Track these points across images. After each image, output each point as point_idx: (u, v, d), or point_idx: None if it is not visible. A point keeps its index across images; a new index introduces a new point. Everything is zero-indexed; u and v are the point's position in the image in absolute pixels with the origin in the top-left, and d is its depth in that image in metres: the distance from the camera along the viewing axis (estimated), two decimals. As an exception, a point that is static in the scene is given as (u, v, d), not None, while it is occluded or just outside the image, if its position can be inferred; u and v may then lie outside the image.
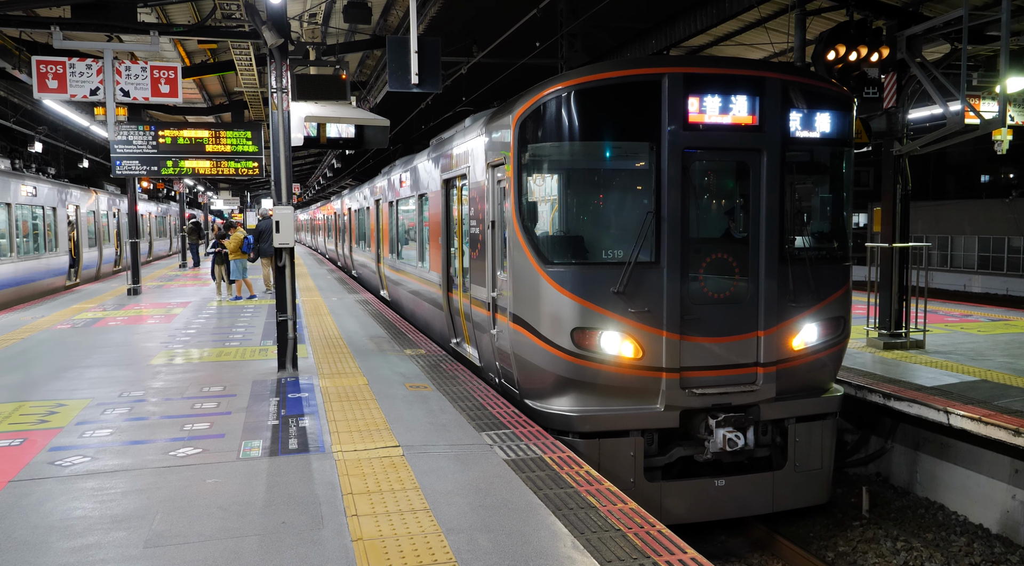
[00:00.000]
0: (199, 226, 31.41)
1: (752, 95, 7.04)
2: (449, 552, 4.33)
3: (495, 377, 8.40)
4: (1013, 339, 11.62)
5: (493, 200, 7.99)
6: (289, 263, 9.24)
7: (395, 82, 8.21)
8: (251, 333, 12.52)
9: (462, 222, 9.73)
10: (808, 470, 7.48)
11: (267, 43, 8.79)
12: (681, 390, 6.95)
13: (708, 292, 7.08)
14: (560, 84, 6.99)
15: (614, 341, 6.83)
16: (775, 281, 7.12)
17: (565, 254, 7.07)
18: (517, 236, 7.14)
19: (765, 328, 7.12)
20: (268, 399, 7.92)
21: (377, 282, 18.31)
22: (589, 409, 6.96)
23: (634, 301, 6.80)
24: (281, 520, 4.78)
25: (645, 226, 6.85)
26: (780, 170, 7.12)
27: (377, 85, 16.08)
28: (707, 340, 7.03)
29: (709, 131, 6.95)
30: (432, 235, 11.26)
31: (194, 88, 17.32)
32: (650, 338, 6.85)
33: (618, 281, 6.75)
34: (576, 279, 6.86)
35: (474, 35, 16.07)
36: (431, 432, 6.66)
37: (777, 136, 7.09)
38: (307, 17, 12.06)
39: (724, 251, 7.21)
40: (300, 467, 5.78)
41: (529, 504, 5.02)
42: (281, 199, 9.06)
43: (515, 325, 7.33)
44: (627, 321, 6.80)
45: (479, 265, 8.52)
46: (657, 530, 4.64)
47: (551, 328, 6.91)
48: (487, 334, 8.30)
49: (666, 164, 6.84)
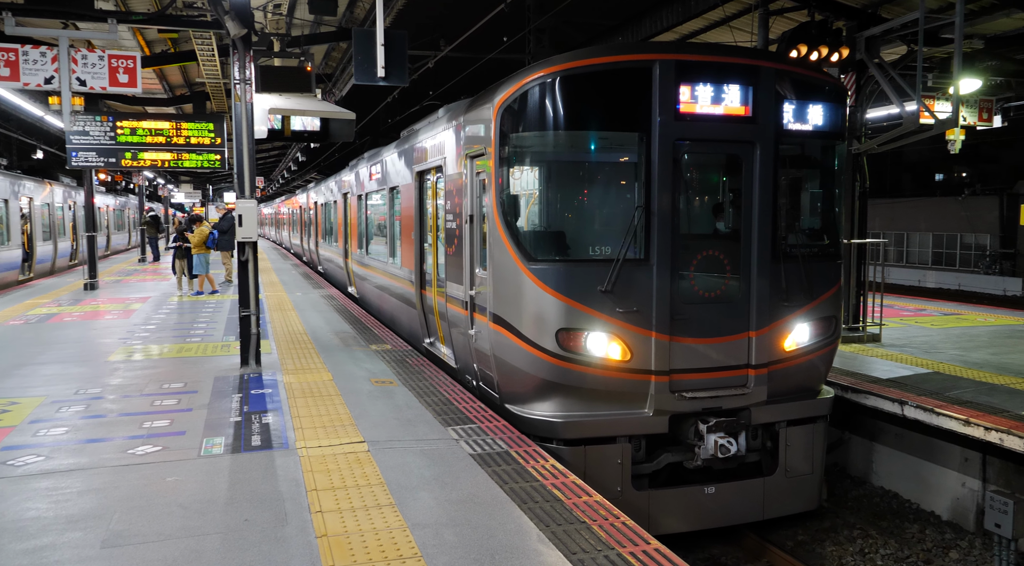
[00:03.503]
0: (158, 220, 30.77)
1: (745, 85, 6.72)
2: (415, 547, 4.32)
3: (472, 380, 8.04)
4: (964, 333, 11.96)
5: (471, 193, 7.59)
6: (252, 257, 9.12)
7: (361, 75, 8.14)
8: (213, 328, 12.33)
9: (437, 216, 9.29)
10: (799, 475, 7.25)
11: (230, 33, 8.64)
12: (671, 394, 6.65)
13: (699, 291, 6.79)
14: (544, 70, 6.60)
15: (601, 342, 6.50)
16: (767, 279, 6.86)
17: (549, 250, 6.73)
18: (498, 231, 6.80)
19: (757, 328, 6.85)
20: (230, 395, 7.82)
21: (344, 278, 17.89)
22: (574, 414, 6.61)
23: (622, 300, 6.49)
24: (244, 518, 4.73)
25: (634, 221, 6.55)
26: (773, 164, 6.84)
27: (343, 78, 15.91)
28: (697, 341, 6.73)
29: (701, 122, 6.63)
30: (404, 230, 10.88)
31: (154, 78, 16.94)
32: (639, 339, 6.54)
33: (606, 279, 6.43)
34: (561, 277, 6.51)
35: (442, 29, 15.97)
36: (397, 427, 6.64)
37: (771, 128, 6.82)
38: (271, 7, 11.88)
39: (715, 248, 6.92)
40: (263, 464, 5.72)
41: (495, 498, 5.04)
42: (244, 193, 8.94)
43: (495, 325, 6.98)
44: (615, 321, 6.48)
45: (456, 262, 8.13)
46: (621, 522, 4.69)
47: (534, 329, 6.57)
48: (464, 334, 7.94)
49: (656, 156, 6.51)
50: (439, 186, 9.09)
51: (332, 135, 11.17)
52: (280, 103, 10.67)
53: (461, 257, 7.89)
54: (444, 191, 8.64)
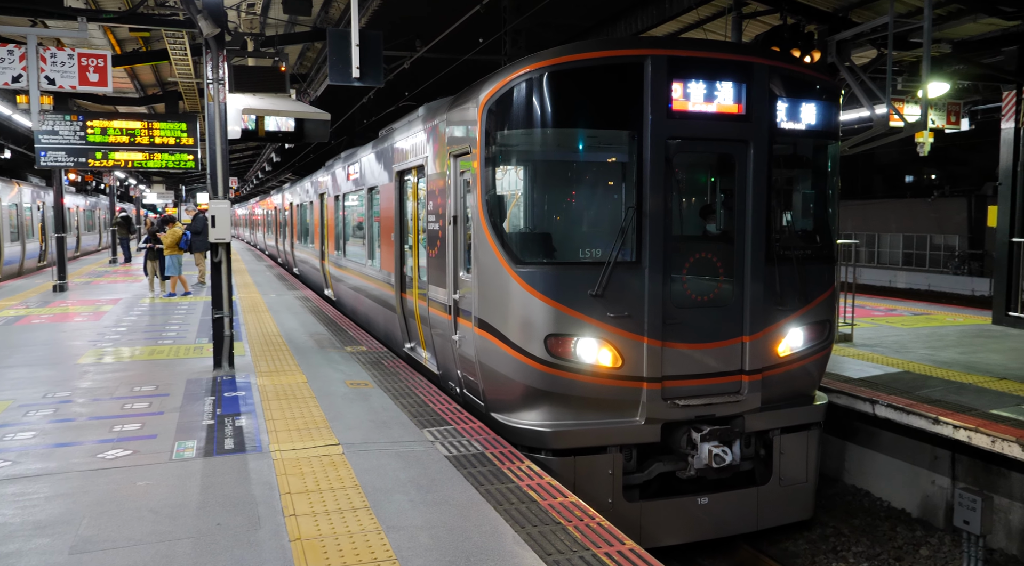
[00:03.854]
0: (129, 220, 30.30)
1: (739, 82, 6.55)
2: (390, 550, 4.30)
3: (456, 387, 7.80)
4: (934, 332, 12.16)
5: (455, 194, 7.36)
6: (225, 259, 9.02)
7: (336, 75, 8.09)
8: (185, 330, 12.18)
9: (418, 217, 9.06)
10: (793, 484, 7.08)
11: (203, 33, 8.55)
12: (663, 401, 6.47)
13: (691, 294, 6.60)
14: (532, 65, 6.36)
15: (591, 348, 6.30)
16: (761, 283, 6.67)
17: (537, 253, 6.50)
18: (484, 233, 6.56)
19: (751, 333, 6.66)
20: (203, 398, 7.73)
21: (321, 280, 17.57)
22: (563, 423, 6.41)
23: (613, 305, 6.28)
24: (216, 522, 4.68)
25: (626, 223, 6.33)
26: (767, 163, 6.67)
27: (318, 78, 15.81)
28: (690, 346, 6.54)
29: (693, 120, 6.44)
30: (383, 231, 10.62)
31: (125, 77, 16.71)
32: (630, 345, 6.34)
33: (596, 283, 6.22)
34: (550, 280, 6.29)
35: (417, 29, 15.93)
36: (372, 430, 6.60)
37: (764, 127, 6.64)
38: (245, 7, 11.77)
39: (707, 250, 6.74)
40: (236, 467, 5.66)
41: (471, 500, 5.03)
42: (217, 193, 8.84)
43: (481, 331, 6.76)
44: (605, 326, 6.28)
45: (438, 264, 7.88)
46: (596, 522, 4.70)
47: (521, 334, 6.35)
48: (447, 340, 7.73)
49: (648, 155, 6.30)
50: (420, 186, 8.85)
51: (307, 136, 11.10)
52: (254, 103, 10.58)
53: (444, 260, 7.66)
54: (426, 191, 8.39)
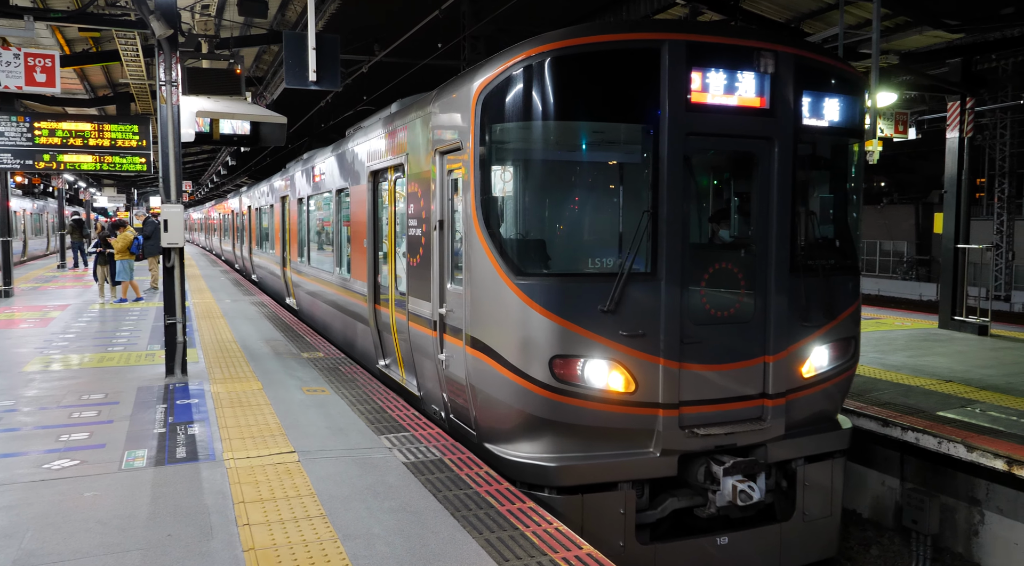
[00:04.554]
0: (81, 224, 29.50)
1: (762, 72, 5.90)
2: (346, 559, 4.25)
3: (440, 411, 7.06)
4: (883, 336, 12.48)
5: (442, 195, 6.66)
6: (178, 263, 8.85)
7: (292, 79, 8.01)
8: (137, 337, 11.90)
9: (395, 222, 8.25)
10: (817, 519, 6.40)
11: (155, 34, 8.39)
12: (680, 430, 5.76)
13: (710, 310, 5.92)
14: (534, 49, 5.63)
15: (601, 371, 5.60)
16: (785, 296, 6.02)
17: (540, 263, 5.81)
18: (479, 240, 5.85)
19: (774, 352, 6.01)
20: (154, 406, 7.56)
21: (282, 288, 16.74)
22: (570, 456, 5.67)
23: (626, 321, 5.59)
24: (167, 533, 4.57)
25: (640, 229, 5.63)
26: (792, 163, 6.03)
27: (274, 81, 15.63)
28: (709, 368, 5.87)
29: (713, 114, 5.79)
30: (355, 237, 9.76)
31: (75, 78, 16.30)
32: (644, 367, 5.65)
33: (607, 297, 5.54)
34: (556, 294, 5.57)
35: (376, 34, 15.85)
36: (328, 437, 6.53)
37: (789, 123, 6.02)
38: (199, 8, 11.59)
39: (727, 260, 6.09)
40: (188, 476, 5.54)
41: (429, 507, 5.00)
42: (170, 197, 8.67)
43: (473, 350, 6.03)
44: (617, 346, 5.59)
45: (421, 274, 7.13)
46: (555, 527, 4.72)
47: (523, 355, 5.62)
48: (431, 359, 6.99)
49: (665, 153, 5.63)
50: (399, 187, 8.08)
51: (263, 139, 10.97)
52: (208, 106, 10.41)
53: (428, 269, 6.93)
54: (406, 193, 7.62)
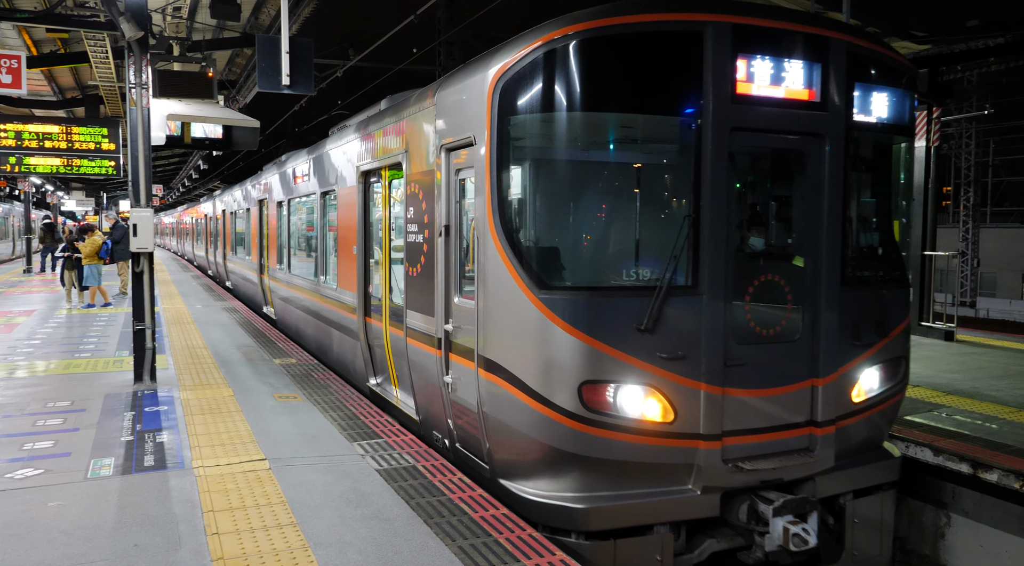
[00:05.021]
0: (53, 227, 28.93)
1: (813, 61, 5.29)
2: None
3: (443, 439, 6.42)
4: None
5: (448, 197, 6.04)
6: (148, 268, 8.73)
7: (265, 82, 7.97)
8: (105, 343, 11.70)
9: (390, 227, 7.63)
10: (868, 560, 5.76)
11: (125, 35, 8.28)
12: (723, 464, 5.12)
13: (755, 327, 5.34)
14: (562, 30, 4.95)
15: (636, 398, 4.97)
16: (835, 311, 5.43)
17: (568, 274, 5.20)
18: (495, 248, 5.19)
19: (824, 374, 5.41)
20: (122, 413, 7.43)
21: (259, 296, 15.87)
22: (600, 496, 5.03)
23: (665, 342, 4.95)
24: (133, 543, 4.49)
25: (681, 236, 5.01)
26: (844, 164, 5.45)
27: (247, 85, 15.49)
28: (753, 393, 5.26)
29: (759, 107, 5.17)
30: (342, 243, 9.07)
31: (42, 79, 16.02)
32: (684, 393, 5.02)
33: (645, 314, 4.90)
34: (585, 310, 4.91)
35: (350, 38, 15.81)
36: (300, 444, 6.46)
37: (841, 118, 5.43)
38: (171, 10, 11.46)
39: (773, 271, 5.48)
40: (156, 485, 5.45)
41: (401, 514, 4.96)
42: (140, 201, 8.55)
43: (488, 374, 5.39)
44: (654, 370, 4.94)
45: (422, 286, 6.50)
46: (528, 534, 4.70)
47: (546, 381, 4.96)
48: (434, 381, 6.35)
49: (709, 150, 5.02)
50: (395, 189, 7.45)
51: (235, 143, 10.89)
52: (179, 109, 10.31)
53: (431, 280, 6.30)
54: (404, 195, 6.94)
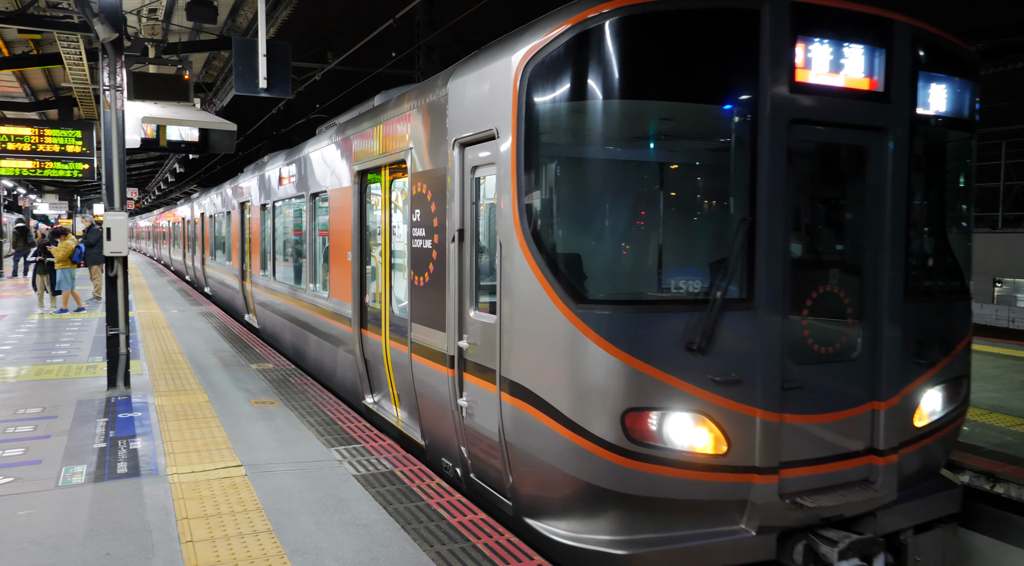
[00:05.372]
0: (26, 231, 28.42)
1: (876, 46, 4.78)
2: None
3: (455, 467, 5.83)
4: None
5: (463, 199, 5.47)
6: (122, 273, 8.62)
7: (242, 85, 7.91)
8: (78, 348, 11.53)
9: (391, 232, 7.06)
10: None
11: (99, 37, 8.19)
12: (780, 500, 4.54)
13: (813, 345, 4.77)
14: (602, 6, 4.39)
15: (685, 427, 4.38)
16: (899, 326, 4.90)
17: (609, 286, 4.59)
18: (522, 255, 4.63)
19: (885, 397, 4.85)
20: (95, 420, 7.32)
21: (241, 304, 15.24)
22: (643, 539, 4.44)
23: (717, 362, 4.39)
24: (105, 551, 4.42)
25: (736, 242, 4.48)
26: (908, 162, 4.95)
27: (224, 87, 15.38)
28: (811, 419, 4.69)
29: (819, 96, 4.63)
30: (335, 249, 8.44)
31: (14, 81, 15.78)
32: (738, 421, 4.44)
33: (697, 331, 4.34)
34: (630, 327, 4.33)
35: (329, 42, 15.75)
36: (277, 450, 6.40)
37: (906, 111, 4.91)
38: (146, 12, 11.35)
39: (832, 281, 4.91)
40: (129, 493, 5.37)
41: (378, 520, 4.94)
42: (114, 204, 8.45)
43: (513, 399, 4.81)
44: (706, 395, 4.37)
45: (430, 297, 5.93)
46: (506, 539, 4.70)
47: (584, 408, 4.38)
48: (444, 403, 5.79)
49: (767, 144, 4.48)
50: (397, 189, 6.90)
51: (212, 146, 10.79)
52: (155, 112, 10.21)
53: (441, 291, 5.73)
54: (410, 196, 6.36)
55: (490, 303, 5.18)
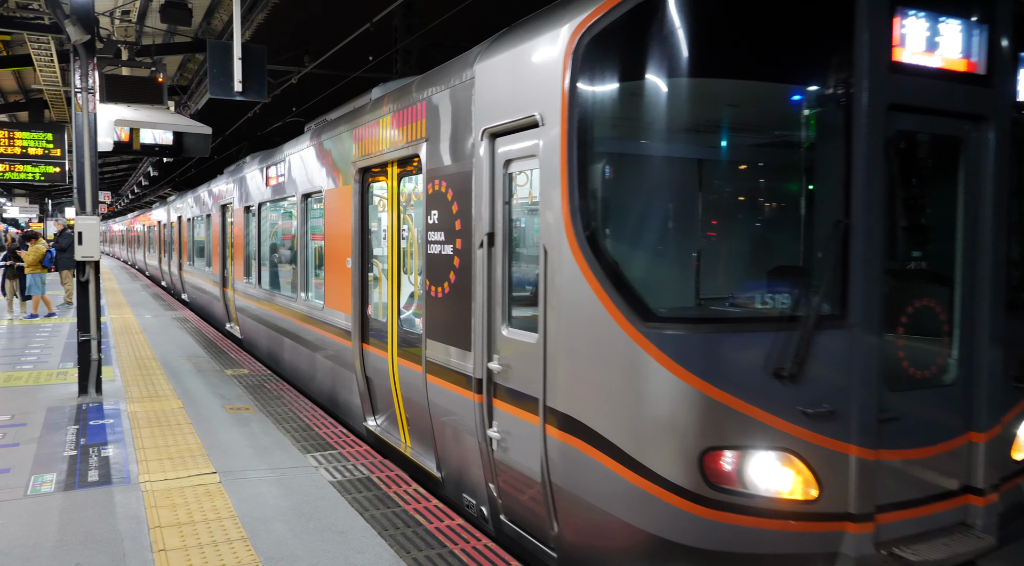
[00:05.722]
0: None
1: (977, 22, 4.18)
2: (267, 582, 4.13)
3: (478, 506, 5.20)
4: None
5: (494, 196, 4.79)
6: (94, 278, 8.50)
7: (216, 89, 7.85)
8: (48, 354, 11.34)
9: (399, 235, 6.37)
10: None
11: (71, 39, 8.08)
12: (877, 551, 3.88)
13: (908, 369, 4.16)
14: None
15: (770, 468, 3.74)
16: (1000, 346, 4.28)
17: (685, 301, 4.01)
18: (575, 264, 3.95)
19: (985, 427, 4.23)
20: (65, 427, 7.21)
21: (222, 312, 14.44)
22: None
23: (808, 391, 3.74)
24: (75, 561, 4.35)
25: (829, 248, 3.87)
26: (1011, 156, 4.34)
27: (199, 90, 15.23)
28: (907, 455, 4.06)
29: (916, 78, 4.01)
30: (331, 255, 7.78)
31: (-17, 82, 15.56)
32: (831, 459, 3.78)
33: (787, 354, 3.71)
34: (710, 350, 3.71)
35: (306, 45, 15.66)
36: (252, 456, 6.34)
37: (1010, 97, 4.33)
38: (119, 14, 11.22)
39: (930, 295, 4.29)
40: (101, 501, 5.29)
41: (355, 526, 4.91)
42: (85, 208, 8.33)
43: (561, 433, 4.14)
44: (794, 429, 3.73)
45: (450, 310, 5.26)
46: (483, 544, 4.69)
47: (653, 446, 3.75)
48: (467, 433, 5.13)
49: (864, 133, 3.85)
50: (407, 187, 6.31)
51: (186, 150, 10.69)
52: (128, 115, 10.09)
53: (465, 303, 5.07)
54: (425, 195, 5.68)
55: (527, 319, 4.55)
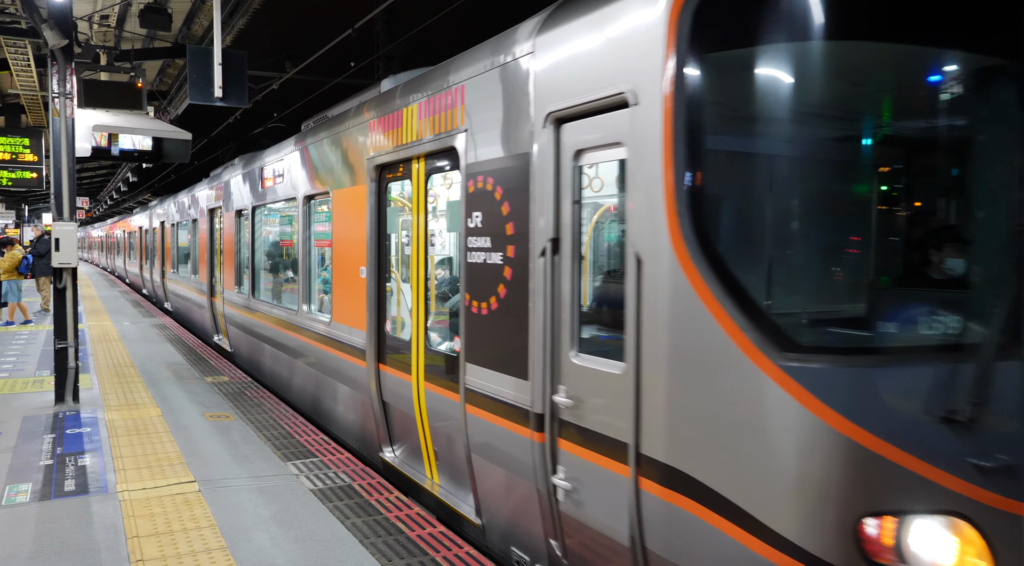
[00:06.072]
0: None
1: None
2: (247, 592, 4.10)
3: (533, 564, 4.43)
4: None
5: (560, 195, 4.03)
6: (71, 285, 8.41)
7: (196, 94, 7.81)
8: (24, 362, 11.19)
9: (428, 241, 5.54)
10: None
11: (48, 43, 8.00)
12: None
13: None
14: None
15: (937, 537, 2.95)
16: None
17: (835, 327, 3.32)
18: (685, 277, 3.18)
19: None
20: (41, 436, 7.11)
21: (209, 323, 13.47)
22: None
23: (979, 439, 2.97)
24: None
25: (1007, 261, 3.18)
26: None
27: (179, 96, 15.14)
28: None
29: None
30: (342, 264, 6.94)
31: (-42, 87, 15.36)
32: (1005, 524, 3.00)
33: (960, 392, 2.96)
34: (870, 390, 2.95)
35: (287, 51, 15.61)
36: (232, 464, 6.29)
37: None
38: (98, 18, 11.13)
39: None
40: (77, 511, 5.22)
41: (335, 535, 4.88)
42: (63, 214, 8.24)
43: (664, 490, 3.34)
44: (964, 487, 2.96)
45: (500, 330, 4.52)
46: (465, 551, 4.68)
47: (792, 511, 2.97)
48: (521, 478, 4.36)
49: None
50: (435, 186, 5.65)
51: (165, 156, 10.61)
52: (106, 120, 10.01)
53: (520, 323, 4.29)
54: (464, 193, 4.87)
55: (606, 344, 3.82)
